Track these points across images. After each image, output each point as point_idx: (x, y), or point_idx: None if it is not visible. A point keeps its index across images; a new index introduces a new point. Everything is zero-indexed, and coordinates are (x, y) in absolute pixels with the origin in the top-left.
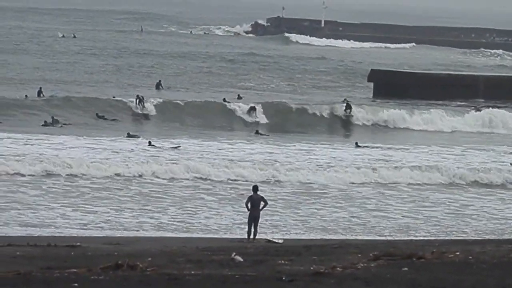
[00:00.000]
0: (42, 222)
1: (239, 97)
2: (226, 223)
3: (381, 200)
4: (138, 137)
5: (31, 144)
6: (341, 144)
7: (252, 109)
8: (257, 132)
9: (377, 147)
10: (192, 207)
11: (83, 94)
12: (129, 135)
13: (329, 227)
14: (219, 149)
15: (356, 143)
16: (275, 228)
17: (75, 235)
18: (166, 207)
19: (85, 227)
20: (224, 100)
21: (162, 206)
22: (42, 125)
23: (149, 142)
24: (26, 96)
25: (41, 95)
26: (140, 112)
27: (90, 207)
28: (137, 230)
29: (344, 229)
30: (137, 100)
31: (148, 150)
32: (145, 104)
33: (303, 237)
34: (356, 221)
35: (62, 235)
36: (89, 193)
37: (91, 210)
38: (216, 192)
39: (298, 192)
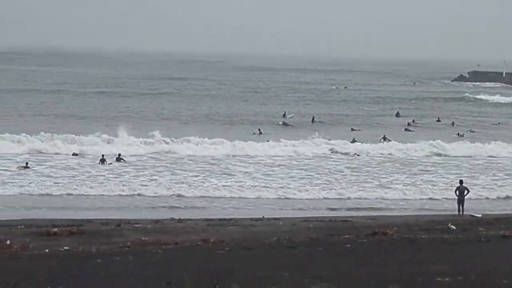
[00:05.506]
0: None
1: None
2: (447, 206)
3: None
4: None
5: None
6: None
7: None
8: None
9: None
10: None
11: None
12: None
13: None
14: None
15: None
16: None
17: (345, 214)
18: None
19: (353, 208)
20: None
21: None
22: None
23: None
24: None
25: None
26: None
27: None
28: (389, 209)
29: None
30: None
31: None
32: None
33: (496, 212)
34: None
35: (338, 214)
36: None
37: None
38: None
39: None
